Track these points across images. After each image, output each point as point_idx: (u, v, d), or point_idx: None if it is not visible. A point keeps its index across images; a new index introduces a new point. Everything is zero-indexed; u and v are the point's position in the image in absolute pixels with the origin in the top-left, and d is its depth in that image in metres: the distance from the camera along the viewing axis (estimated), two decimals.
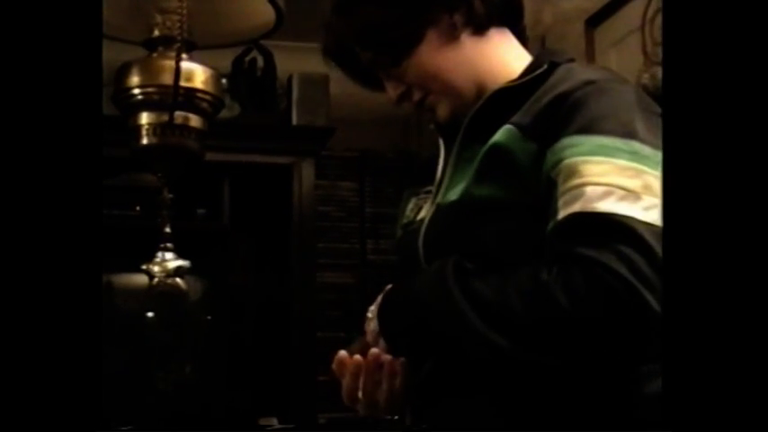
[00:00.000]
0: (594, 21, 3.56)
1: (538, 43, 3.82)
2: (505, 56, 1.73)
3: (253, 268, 4.50)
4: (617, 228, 1.42)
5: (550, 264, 1.45)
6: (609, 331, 1.42)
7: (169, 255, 2.60)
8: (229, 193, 4.31)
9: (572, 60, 1.73)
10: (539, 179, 1.54)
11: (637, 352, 1.45)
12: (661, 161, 1.45)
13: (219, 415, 4.11)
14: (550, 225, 1.49)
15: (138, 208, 4.13)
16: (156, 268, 2.76)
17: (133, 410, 3.94)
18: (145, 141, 2.16)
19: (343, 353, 1.70)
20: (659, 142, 1.47)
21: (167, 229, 2.41)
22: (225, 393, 4.15)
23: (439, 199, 1.69)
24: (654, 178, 1.48)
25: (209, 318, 4.16)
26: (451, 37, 1.68)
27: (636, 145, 1.51)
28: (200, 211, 4.24)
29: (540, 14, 3.96)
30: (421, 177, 1.83)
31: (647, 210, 1.44)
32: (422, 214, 1.75)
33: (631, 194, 1.46)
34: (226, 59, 4.16)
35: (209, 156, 2.11)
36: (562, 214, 1.47)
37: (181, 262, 2.63)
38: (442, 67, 1.70)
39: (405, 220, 1.81)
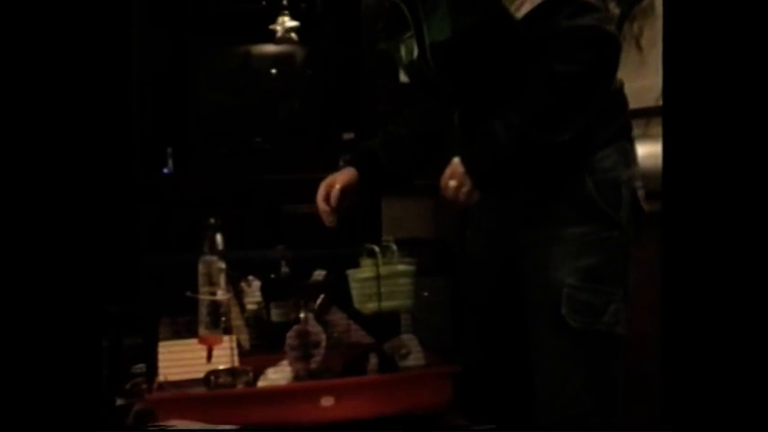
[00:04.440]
0: None
1: None
2: None
3: (336, 40, 4.29)
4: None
5: (552, 47, 1.41)
6: (606, 56, 1.43)
7: (286, 18, 2.97)
8: None
9: None
10: None
11: (618, 57, 1.45)
12: None
13: (316, 131, 4.21)
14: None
15: (263, 2, 3.98)
16: (278, 27, 3.13)
17: (263, 127, 4.18)
18: None
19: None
20: None
21: (284, 2, 2.74)
22: (319, 117, 4.22)
23: (429, 39, 1.55)
24: None
25: (309, 72, 4.22)
26: None
27: None
28: (302, 4, 4.05)
29: None
30: (391, 29, 1.66)
31: None
32: (416, 52, 1.60)
33: None
34: None
35: None
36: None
37: (294, 23, 2.98)
38: None
39: (406, 61, 1.65)
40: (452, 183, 1.49)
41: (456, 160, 1.50)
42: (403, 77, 1.83)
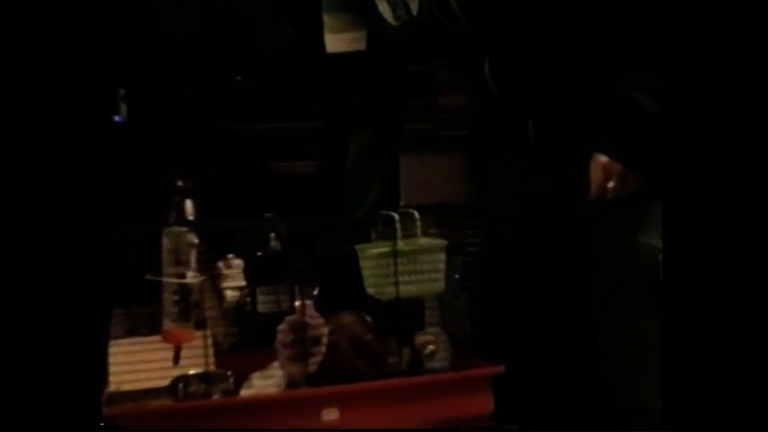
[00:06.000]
0: None
1: None
2: None
3: None
4: None
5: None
6: None
7: None
8: None
9: None
10: None
11: None
12: None
13: (313, 67, 3.98)
14: None
15: None
16: None
17: (244, 62, 4.15)
18: None
19: None
20: None
21: None
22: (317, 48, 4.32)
23: None
24: None
25: None
26: None
27: None
28: None
29: None
30: None
31: None
32: (416, 9, 1.68)
33: None
34: None
35: None
36: None
37: None
38: None
39: (396, 22, 1.71)
40: (611, 184, 1.60)
41: (603, 159, 1.59)
42: (332, 47, 1.87)
